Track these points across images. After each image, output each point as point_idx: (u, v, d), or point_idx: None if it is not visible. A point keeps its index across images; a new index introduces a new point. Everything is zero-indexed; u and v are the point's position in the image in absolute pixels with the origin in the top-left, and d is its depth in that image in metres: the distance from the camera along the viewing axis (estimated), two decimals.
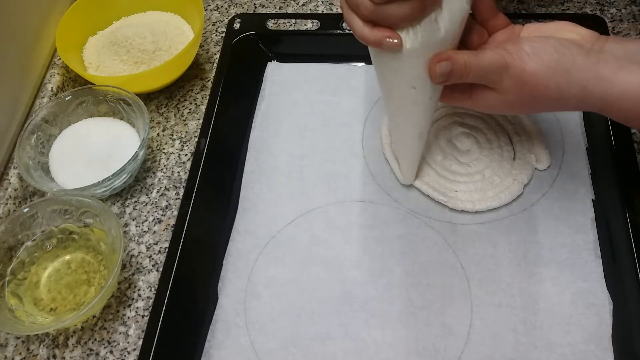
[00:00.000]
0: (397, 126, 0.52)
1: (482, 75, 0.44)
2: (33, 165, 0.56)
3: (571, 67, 0.42)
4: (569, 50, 0.42)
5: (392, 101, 0.50)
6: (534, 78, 0.42)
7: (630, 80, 0.41)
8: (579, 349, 0.47)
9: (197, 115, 0.64)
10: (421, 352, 0.48)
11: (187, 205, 0.55)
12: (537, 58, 0.42)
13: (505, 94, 0.44)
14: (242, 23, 0.67)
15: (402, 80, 0.46)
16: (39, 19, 0.66)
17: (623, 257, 0.50)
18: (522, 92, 0.44)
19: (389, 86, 0.48)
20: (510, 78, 0.43)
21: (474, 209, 0.53)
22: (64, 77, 0.66)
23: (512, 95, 0.44)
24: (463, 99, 0.48)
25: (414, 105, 0.48)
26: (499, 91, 0.44)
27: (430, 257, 0.52)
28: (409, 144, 0.52)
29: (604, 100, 0.42)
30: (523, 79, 0.43)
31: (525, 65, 0.42)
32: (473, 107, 0.48)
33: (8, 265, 0.51)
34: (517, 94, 0.44)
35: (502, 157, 0.56)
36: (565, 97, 0.43)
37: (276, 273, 0.52)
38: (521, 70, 0.42)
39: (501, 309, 0.49)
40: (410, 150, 0.53)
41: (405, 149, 0.53)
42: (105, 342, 0.51)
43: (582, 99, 0.42)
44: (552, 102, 0.44)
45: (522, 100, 0.44)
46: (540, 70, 0.42)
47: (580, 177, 0.55)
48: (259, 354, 0.49)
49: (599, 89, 0.42)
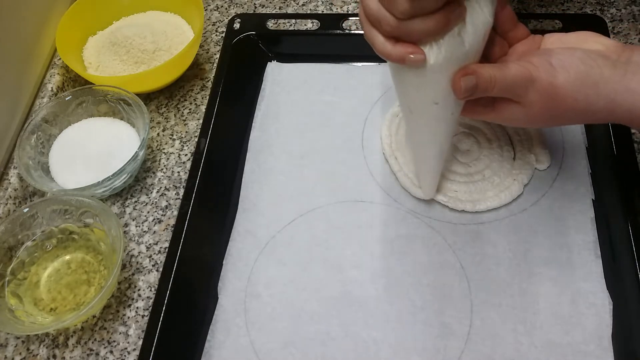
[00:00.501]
0: (418, 143, 0.51)
1: (508, 89, 0.43)
2: (33, 165, 0.56)
3: (599, 80, 0.41)
4: (596, 62, 0.41)
5: (413, 117, 0.48)
6: (561, 91, 0.41)
7: None
8: (579, 349, 0.47)
9: (197, 115, 0.64)
10: (421, 352, 0.48)
11: (187, 205, 0.55)
12: (564, 70, 0.41)
13: (531, 108, 0.43)
14: (242, 23, 0.67)
15: (425, 96, 0.45)
16: (39, 19, 0.66)
17: (623, 257, 0.50)
18: (548, 106, 0.42)
19: (411, 102, 0.47)
20: (536, 91, 0.42)
21: (474, 209, 0.53)
22: (64, 77, 0.66)
23: (537, 109, 0.43)
24: (486, 113, 0.46)
25: (435, 122, 0.47)
26: (524, 105, 0.43)
27: (430, 257, 0.52)
28: (430, 160, 0.51)
29: (633, 113, 0.41)
30: (550, 92, 0.42)
31: (552, 79, 0.41)
32: (496, 120, 0.47)
33: (8, 265, 0.51)
34: (543, 107, 0.43)
35: (502, 157, 0.56)
36: (593, 110, 0.42)
37: (276, 273, 0.52)
38: (548, 84, 0.41)
39: (501, 309, 0.49)
40: (431, 167, 0.52)
41: (425, 166, 0.52)
42: (105, 342, 0.51)
43: (611, 112, 0.42)
44: (580, 115, 0.43)
45: (548, 114, 0.43)
46: (568, 84, 0.41)
47: (580, 177, 0.55)
48: (259, 354, 0.49)
49: (627, 101, 0.41)
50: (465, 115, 0.47)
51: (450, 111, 0.46)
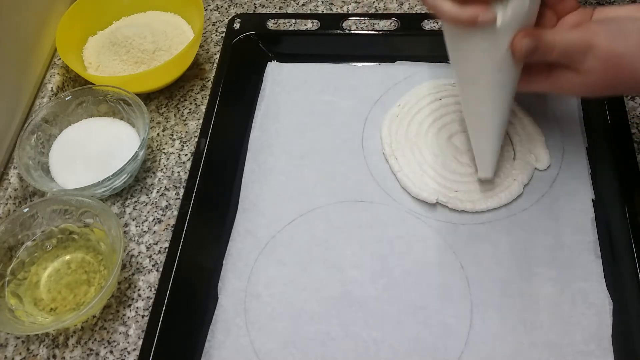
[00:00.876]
0: (480, 116, 0.50)
1: (566, 54, 0.43)
2: (33, 165, 0.56)
3: None
4: None
5: (475, 88, 0.47)
6: (620, 59, 0.41)
7: None
8: (579, 349, 0.47)
9: (197, 115, 0.64)
10: (421, 352, 0.48)
11: (187, 205, 0.55)
12: (623, 38, 0.41)
13: (588, 75, 0.43)
14: (242, 23, 0.67)
15: (490, 61, 0.44)
16: (39, 19, 0.66)
17: (623, 257, 0.50)
18: (607, 73, 0.42)
19: (473, 71, 0.46)
20: (595, 58, 0.42)
21: (474, 209, 0.53)
22: (64, 77, 0.66)
23: (595, 77, 0.42)
24: (540, 81, 0.46)
25: (499, 89, 0.46)
26: (581, 72, 0.43)
27: (430, 257, 0.52)
28: (491, 135, 0.50)
29: None
30: (609, 59, 0.41)
31: (612, 45, 0.41)
32: (551, 89, 0.46)
33: (8, 265, 0.51)
34: (601, 75, 0.42)
35: (502, 157, 0.56)
36: None
37: (276, 273, 0.52)
38: (608, 51, 0.41)
39: (501, 309, 0.49)
40: (492, 142, 0.51)
41: (486, 142, 0.51)
42: (105, 342, 0.51)
43: None
44: (637, 84, 0.43)
45: (605, 82, 0.43)
46: (627, 51, 0.41)
47: (580, 177, 0.55)
48: (259, 354, 0.49)
49: None
50: (520, 87, 0.47)
51: (513, 79, 0.45)
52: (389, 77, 0.63)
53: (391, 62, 0.64)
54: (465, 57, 0.46)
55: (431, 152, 0.57)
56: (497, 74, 0.45)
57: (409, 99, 0.61)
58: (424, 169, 0.56)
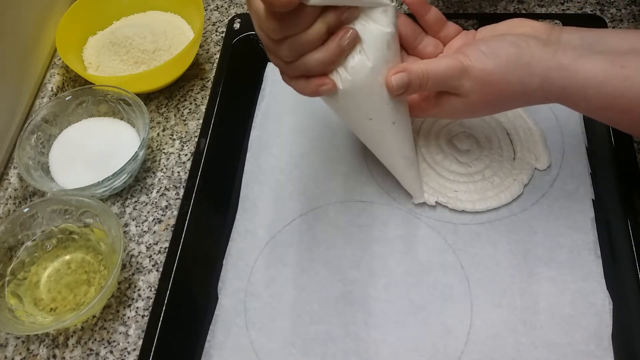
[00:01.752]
0: (379, 156, 0.52)
1: (442, 82, 0.44)
2: (33, 165, 0.56)
3: (531, 60, 0.42)
4: (526, 43, 0.42)
5: (360, 136, 0.51)
6: (494, 76, 0.42)
7: (591, 69, 0.40)
8: (579, 349, 0.47)
9: (197, 115, 0.64)
10: (421, 352, 0.48)
11: (187, 205, 0.55)
12: (494, 56, 0.42)
13: (469, 97, 0.44)
14: (242, 23, 0.67)
15: (356, 116, 0.47)
16: (39, 19, 0.66)
17: (623, 257, 0.50)
18: (485, 92, 0.43)
19: (349, 124, 0.50)
20: (470, 80, 0.43)
21: (474, 209, 0.53)
22: (64, 77, 0.66)
23: (475, 97, 0.44)
24: (429, 109, 0.48)
25: (379, 134, 0.48)
26: (462, 95, 0.44)
27: (430, 257, 0.52)
28: (398, 168, 0.52)
29: (567, 91, 0.42)
30: (483, 78, 0.43)
31: (483, 65, 0.42)
32: (441, 115, 0.48)
33: (8, 265, 0.51)
34: (480, 95, 0.43)
35: (502, 157, 0.56)
36: (529, 90, 0.43)
37: (276, 273, 0.52)
38: (480, 70, 0.42)
39: (501, 309, 0.49)
40: (403, 174, 0.53)
41: (398, 174, 0.53)
42: (105, 342, 0.51)
43: (547, 91, 0.42)
44: (516, 98, 0.44)
45: (486, 100, 0.44)
46: (499, 67, 0.42)
47: (580, 177, 0.55)
48: (259, 354, 0.49)
49: (561, 78, 0.41)
50: (412, 115, 0.49)
51: (391, 121, 0.47)
52: None
53: None
54: (337, 114, 0.49)
55: (431, 152, 0.57)
56: (369, 122, 0.47)
57: None
58: (423, 169, 0.56)
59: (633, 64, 0.40)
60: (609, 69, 0.40)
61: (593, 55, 0.41)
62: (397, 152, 0.51)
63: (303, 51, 0.41)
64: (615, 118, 0.43)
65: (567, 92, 0.42)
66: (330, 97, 0.46)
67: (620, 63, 0.40)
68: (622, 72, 0.40)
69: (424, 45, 0.48)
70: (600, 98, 0.41)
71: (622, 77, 0.40)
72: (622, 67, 0.40)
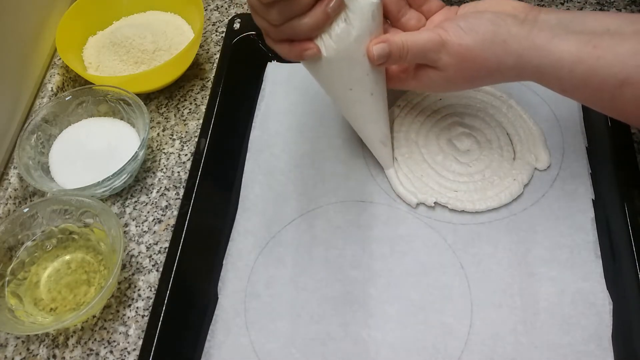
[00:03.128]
0: (355, 127, 0.54)
1: (421, 54, 0.46)
2: (33, 165, 0.56)
3: (507, 37, 0.43)
4: (504, 21, 0.44)
5: (339, 104, 0.52)
6: (471, 52, 0.44)
7: (565, 49, 0.42)
8: (579, 349, 0.47)
9: (197, 115, 0.64)
10: (421, 352, 0.48)
11: (187, 205, 0.55)
12: (473, 32, 0.44)
13: (446, 71, 0.46)
14: (242, 23, 0.67)
15: (338, 85, 0.49)
16: (39, 19, 0.66)
17: (623, 257, 0.50)
18: (462, 67, 0.45)
19: (329, 92, 0.51)
20: (448, 54, 0.45)
21: (474, 209, 0.53)
22: (64, 77, 0.66)
23: (452, 72, 0.46)
24: (408, 81, 0.50)
25: (359, 105, 0.50)
26: (440, 69, 0.46)
27: (430, 257, 0.52)
28: (373, 140, 0.54)
29: (541, 69, 0.43)
30: (461, 53, 0.44)
31: (460, 40, 0.44)
32: (418, 88, 0.50)
33: (8, 265, 0.51)
34: (457, 69, 0.45)
35: (502, 157, 0.56)
36: (503, 67, 0.44)
37: (276, 273, 0.52)
38: (458, 45, 0.44)
39: (501, 309, 0.49)
40: (377, 145, 0.55)
41: (373, 145, 0.55)
42: (105, 342, 0.51)
43: (521, 69, 0.44)
44: (492, 74, 0.45)
45: (463, 75, 0.46)
46: (477, 44, 0.44)
47: (580, 177, 0.55)
48: (259, 354, 0.49)
49: (535, 57, 0.43)
50: (391, 86, 0.51)
51: (369, 92, 0.49)
52: None
53: None
54: (318, 81, 0.51)
55: (431, 152, 0.57)
56: (348, 92, 0.49)
57: (409, 99, 0.61)
58: (423, 169, 0.56)
59: (606, 44, 0.41)
60: (582, 49, 0.41)
61: (567, 35, 0.42)
62: (372, 124, 0.53)
63: (291, 15, 0.43)
64: (588, 97, 0.44)
65: (541, 71, 0.43)
66: (313, 63, 0.47)
67: (593, 43, 0.41)
68: (594, 52, 0.41)
69: (407, 18, 0.50)
70: (573, 77, 0.42)
71: (594, 57, 0.41)
72: (595, 47, 0.41)
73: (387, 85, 0.51)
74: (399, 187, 0.55)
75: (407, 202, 0.55)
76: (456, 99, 0.60)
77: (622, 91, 0.41)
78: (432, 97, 0.61)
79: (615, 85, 0.41)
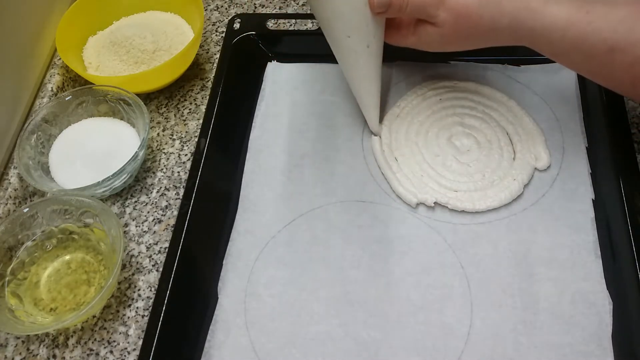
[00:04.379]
0: (348, 79, 0.56)
1: (420, 8, 0.47)
2: (33, 165, 0.56)
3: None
4: None
5: (336, 52, 0.54)
6: (467, 9, 0.46)
7: (557, 13, 0.43)
8: (579, 349, 0.47)
9: (197, 115, 0.64)
10: (421, 352, 0.48)
11: (187, 205, 0.55)
12: None
13: (443, 28, 0.48)
14: (242, 23, 0.67)
15: (337, 31, 0.51)
16: (39, 19, 0.66)
17: (623, 257, 0.50)
18: (458, 24, 0.47)
19: (328, 37, 0.53)
20: (445, 10, 0.47)
21: (474, 209, 0.53)
22: (64, 77, 0.66)
23: (448, 29, 0.48)
24: (407, 36, 0.52)
25: (354, 55, 0.52)
26: (438, 25, 0.48)
27: (430, 257, 0.52)
28: (363, 95, 0.56)
29: (533, 33, 0.45)
30: (457, 10, 0.46)
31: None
32: (417, 45, 0.52)
33: (8, 265, 0.51)
34: (453, 26, 0.47)
35: (502, 157, 0.56)
36: (498, 28, 0.46)
37: (276, 273, 0.52)
38: (455, 2, 0.46)
39: (501, 309, 0.49)
40: (366, 101, 0.57)
41: (362, 101, 0.57)
42: (105, 342, 0.51)
43: (514, 30, 0.45)
44: (487, 34, 0.47)
45: (458, 33, 0.48)
46: (473, 2, 0.45)
47: (580, 177, 0.55)
48: (259, 354, 0.49)
49: (528, 20, 0.44)
50: (388, 41, 0.53)
51: (365, 43, 0.51)
52: (389, 77, 0.63)
53: (391, 62, 0.64)
54: (321, 24, 0.52)
55: (431, 152, 0.57)
56: (346, 39, 0.51)
57: (409, 99, 0.61)
58: (423, 169, 0.56)
59: (598, 10, 0.42)
60: (574, 14, 0.43)
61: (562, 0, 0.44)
62: (365, 78, 0.55)
63: None
64: (579, 63, 0.46)
65: (533, 34, 0.45)
66: (319, 4, 0.49)
67: (586, 9, 0.43)
68: (586, 17, 0.43)
69: None
70: (564, 42, 0.44)
71: (585, 22, 0.43)
72: (587, 12, 0.43)
73: (388, 40, 0.53)
74: (399, 187, 0.55)
75: (407, 202, 0.55)
76: (456, 99, 0.60)
77: (612, 57, 0.43)
78: (432, 97, 0.61)
79: (605, 51, 0.43)
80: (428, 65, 0.64)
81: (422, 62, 0.64)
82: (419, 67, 0.64)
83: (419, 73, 0.63)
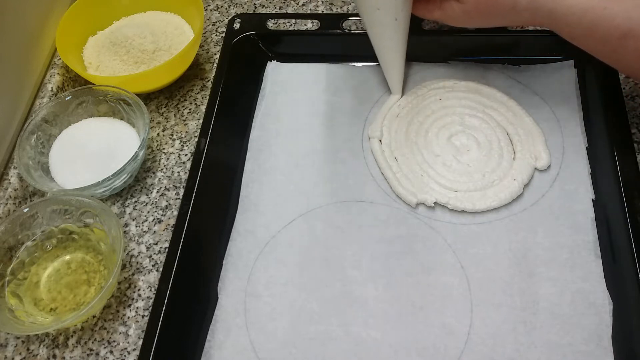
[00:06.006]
0: (376, 49, 0.58)
1: None
2: (33, 165, 0.56)
3: None
4: None
5: (366, 26, 0.57)
6: None
7: None
8: (579, 349, 0.47)
9: (197, 115, 0.64)
10: (421, 352, 0.48)
11: (187, 205, 0.55)
12: None
13: (466, 4, 0.51)
14: (242, 23, 0.67)
15: (368, 3, 0.53)
16: (39, 19, 0.66)
17: (623, 257, 0.50)
18: (479, 2, 0.50)
19: (359, 8, 0.55)
20: None
21: (474, 209, 0.53)
22: (64, 77, 0.66)
23: (471, 5, 0.50)
24: (434, 10, 0.54)
25: (381, 27, 0.55)
26: (461, 1, 0.51)
27: (430, 257, 0.52)
28: (389, 64, 0.59)
29: (553, 15, 0.46)
30: None
31: None
32: (441, 18, 0.55)
33: (8, 265, 0.51)
34: (475, 3, 0.50)
35: (502, 157, 0.56)
36: (518, 8, 0.48)
37: (276, 273, 0.52)
38: None
39: (501, 309, 0.49)
40: (392, 70, 0.60)
41: (388, 70, 0.60)
42: (105, 342, 0.51)
43: (534, 12, 0.47)
44: (507, 13, 0.50)
45: (480, 11, 0.51)
46: None
47: (580, 177, 0.55)
48: (259, 354, 0.49)
49: (548, 2, 0.46)
50: (416, 13, 0.56)
51: (394, 17, 0.54)
52: None
53: None
54: None
55: (431, 152, 0.57)
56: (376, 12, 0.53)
57: (409, 99, 0.61)
58: (423, 169, 0.56)
59: None
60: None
61: None
62: (390, 49, 0.57)
63: None
64: (594, 47, 0.47)
65: (553, 16, 0.46)
66: None
67: None
68: (602, 3, 0.44)
69: None
70: (581, 25, 0.45)
71: (601, 7, 0.44)
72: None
73: (416, 12, 0.55)
74: (399, 187, 0.55)
75: (407, 202, 0.55)
76: (456, 99, 0.60)
77: (625, 42, 0.44)
78: (432, 97, 0.61)
79: (619, 36, 0.44)
80: (428, 65, 0.64)
81: (422, 62, 0.64)
82: (419, 67, 0.64)
83: (419, 73, 0.63)
